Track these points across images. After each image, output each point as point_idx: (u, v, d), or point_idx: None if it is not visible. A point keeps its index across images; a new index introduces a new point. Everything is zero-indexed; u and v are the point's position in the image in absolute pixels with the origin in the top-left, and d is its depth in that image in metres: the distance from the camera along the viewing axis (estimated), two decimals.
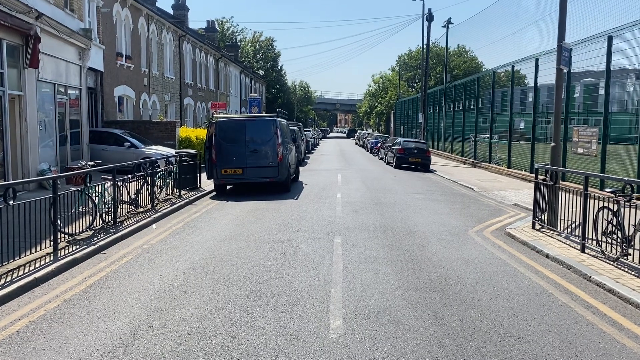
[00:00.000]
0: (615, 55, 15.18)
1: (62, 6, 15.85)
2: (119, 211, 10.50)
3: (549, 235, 9.24)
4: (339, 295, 5.87)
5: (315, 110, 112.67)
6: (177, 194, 14.04)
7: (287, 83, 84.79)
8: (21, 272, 6.66)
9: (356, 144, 58.60)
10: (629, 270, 6.85)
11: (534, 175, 20.01)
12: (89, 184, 9.01)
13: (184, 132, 22.26)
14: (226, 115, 17.03)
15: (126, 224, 10.09)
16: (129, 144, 18.86)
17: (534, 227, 9.85)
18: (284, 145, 15.38)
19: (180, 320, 5.22)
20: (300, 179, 18.83)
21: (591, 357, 4.51)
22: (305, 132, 39.73)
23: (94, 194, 9.36)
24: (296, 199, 14.06)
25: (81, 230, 8.94)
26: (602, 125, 15.30)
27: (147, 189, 12.01)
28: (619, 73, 17.14)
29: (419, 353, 4.48)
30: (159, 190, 13.06)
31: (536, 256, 8.07)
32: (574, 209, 8.58)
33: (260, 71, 72.85)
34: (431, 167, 25.81)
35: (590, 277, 6.67)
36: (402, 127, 52.33)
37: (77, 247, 8.18)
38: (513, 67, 22.93)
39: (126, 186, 11.22)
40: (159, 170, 12.87)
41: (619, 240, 7.13)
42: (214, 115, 16.10)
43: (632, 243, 6.96)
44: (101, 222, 9.78)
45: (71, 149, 17.20)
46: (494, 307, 5.66)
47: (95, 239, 8.77)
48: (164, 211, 11.79)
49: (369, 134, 54.72)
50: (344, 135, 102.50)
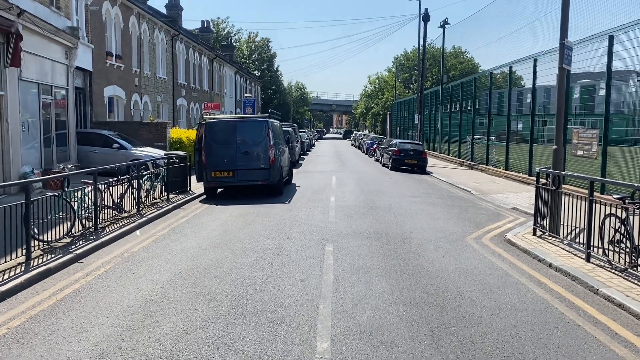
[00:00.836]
0: (617, 55, 14.80)
1: (47, 3, 15.34)
2: (101, 216, 10.04)
3: (551, 243, 8.81)
4: (327, 312, 5.41)
5: (312, 111, 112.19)
6: (165, 197, 13.56)
7: (283, 84, 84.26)
8: None
9: (352, 145, 58.16)
10: (638, 282, 6.42)
11: (532, 178, 19.90)
12: (66, 189, 8.54)
13: (175, 133, 21.77)
14: (216, 116, 16.55)
15: (108, 230, 9.62)
16: (118, 145, 18.38)
17: (535, 234, 9.41)
18: (276, 147, 14.92)
19: (153, 342, 4.75)
20: (293, 182, 18.38)
21: None
22: (301, 133, 39.24)
23: (72, 199, 8.89)
24: (288, 202, 13.60)
25: (59, 237, 8.46)
26: (603, 127, 14.90)
27: (133, 193, 11.54)
28: (617, 74, 16.88)
29: None
30: (145, 193, 12.59)
31: (538, 265, 7.63)
32: (576, 215, 8.16)
33: (256, 72, 72.32)
34: (427, 169, 25.39)
35: (598, 289, 6.23)
36: (398, 128, 51.96)
37: (53, 255, 7.70)
38: (511, 67, 22.56)
39: (109, 190, 10.75)
40: (145, 173, 12.40)
41: (627, 250, 6.71)
42: (204, 116, 15.58)
43: None
44: (81, 228, 9.32)
45: (58, 150, 16.68)
46: (495, 325, 5.22)
47: (73, 246, 8.29)
48: (149, 216, 11.32)
49: (364, 135, 54.30)
50: (340, 136, 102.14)
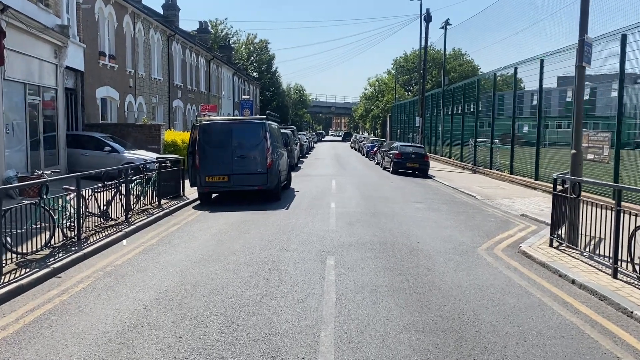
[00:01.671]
0: (630, 54, 14.15)
1: (34, 0, 14.68)
2: (85, 225, 9.37)
3: (570, 255, 8.14)
4: (330, 342, 4.73)
5: (311, 113, 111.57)
6: (157, 203, 12.88)
7: (281, 86, 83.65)
8: None
9: (352, 147, 57.51)
10: None
11: (539, 183, 19.30)
12: (45, 196, 7.87)
13: (169, 135, 21.10)
14: (211, 118, 15.89)
15: (92, 240, 8.93)
16: (110, 148, 17.70)
17: (551, 245, 8.75)
18: (273, 150, 14.26)
19: None
20: (292, 186, 17.71)
21: None
22: (300, 136, 38.59)
23: (52, 207, 8.22)
24: (286, 209, 12.92)
25: (36, 249, 7.79)
26: (616, 129, 14.25)
27: (121, 199, 10.86)
28: (612, 77, 16.51)
29: None
30: (135, 199, 11.91)
31: (560, 282, 6.96)
32: (596, 225, 7.51)
33: (255, 74, 71.71)
34: (429, 172, 24.75)
35: (632, 312, 5.57)
36: (398, 130, 51.34)
37: (28, 270, 7.01)
38: (516, 68, 21.95)
39: (95, 196, 10.07)
40: (134, 178, 11.72)
41: None
42: (198, 118, 14.91)
43: None
44: (63, 238, 8.65)
45: (46, 154, 16.00)
46: (522, 358, 4.55)
47: (51, 259, 7.61)
48: (138, 224, 10.63)
49: (364, 137, 53.67)
50: (340, 138, 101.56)
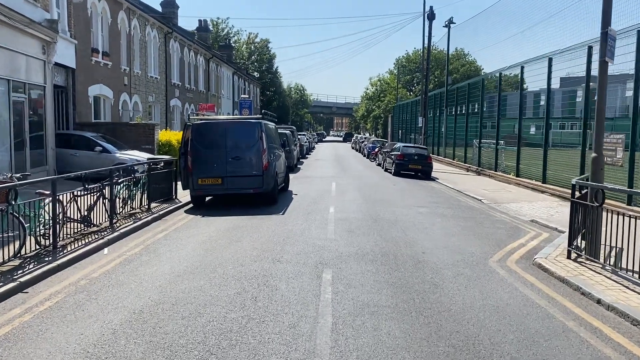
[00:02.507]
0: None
1: None
2: (63, 232, 8.66)
3: (591, 269, 7.41)
4: None
5: (312, 113, 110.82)
6: (146, 207, 12.17)
7: (282, 85, 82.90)
8: None
9: (352, 148, 56.79)
10: None
11: (547, 186, 18.54)
12: (14, 202, 7.15)
13: (164, 135, 20.38)
14: (204, 118, 15.17)
15: (70, 249, 8.22)
16: (101, 148, 17.01)
17: (569, 257, 8.01)
18: (270, 151, 13.54)
19: None
20: (290, 188, 16.99)
21: None
22: (300, 136, 37.86)
23: (23, 213, 7.50)
24: (282, 214, 12.20)
25: (3, 260, 7.07)
26: (631, 131, 13.52)
27: (105, 203, 10.14)
28: (616, 78, 15.81)
29: None
30: (122, 203, 11.20)
31: (584, 301, 6.23)
32: (617, 234, 6.81)
33: (255, 73, 70.98)
34: (432, 174, 24.03)
35: None
36: (400, 131, 50.61)
37: None
38: (523, 67, 21.21)
39: (76, 200, 9.36)
40: (121, 180, 11.00)
41: None
42: (190, 117, 14.20)
43: None
44: (37, 247, 7.95)
45: (33, 154, 15.30)
46: None
47: (19, 272, 6.89)
48: (123, 230, 9.92)
49: (365, 138, 52.94)
50: (340, 139, 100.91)
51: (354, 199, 15.06)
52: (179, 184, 14.01)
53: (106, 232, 9.57)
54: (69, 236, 8.86)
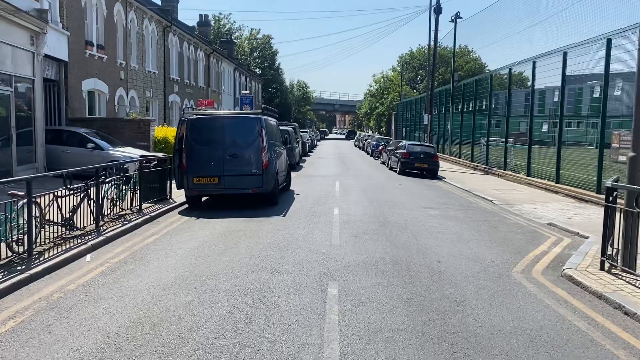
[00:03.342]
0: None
1: None
2: (41, 237, 7.87)
3: (629, 283, 6.58)
4: None
5: (314, 111, 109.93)
6: (137, 207, 11.37)
7: (284, 82, 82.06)
8: None
9: (356, 146, 55.98)
10: None
11: (560, 186, 17.66)
12: None
13: (160, 132, 19.58)
14: (200, 112, 14.37)
15: (48, 256, 7.42)
16: (93, 145, 16.20)
17: (602, 268, 7.18)
18: (270, 148, 12.72)
19: None
20: (292, 188, 16.18)
21: None
22: (302, 134, 37.04)
23: None
24: (283, 216, 11.39)
25: None
26: None
27: (90, 204, 9.34)
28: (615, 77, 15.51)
29: None
30: (111, 204, 10.41)
31: (629, 323, 5.41)
32: None
33: (257, 70, 70.16)
34: (438, 173, 23.21)
35: None
36: (403, 129, 49.78)
37: None
38: (534, 62, 20.30)
39: (57, 202, 8.56)
40: (109, 179, 10.20)
41: None
42: (186, 112, 13.38)
43: None
44: (10, 254, 7.15)
45: (21, 150, 14.54)
46: None
47: None
48: (110, 233, 9.12)
49: (369, 135, 52.10)
50: (343, 137, 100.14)
51: (359, 199, 14.24)
52: (174, 183, 13.20)
53: (91, 236, 8.77)
54: (48, 241, 8.07)
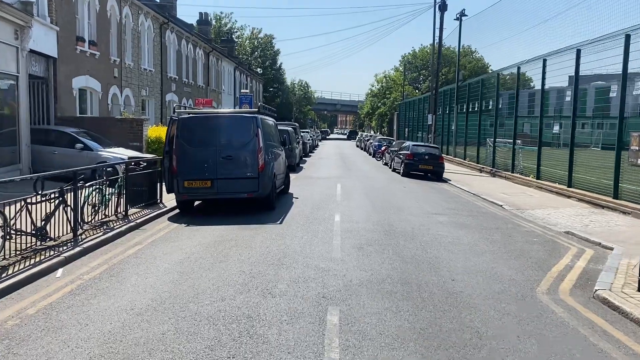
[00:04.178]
0: None
1: None
2: (8, 248, 7.03)
3: None
4: None
5: (315, 110, 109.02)
6: (123, 213, 10.53)
7: (286, 82, 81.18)
8: None
9: (357, 146, 55.15)
10: None
11: (573, 190, 16.77)
12: None
13: (154, 131, 18.73)
14: (192, 111, 13.52)
15: (12, 272, 6.58)
16: (82, 145, 15.37)
17: None
18: (267, 150, 11.87)
19: None
20: (291, 191, 15.35)
21: None
22: (303, 134, 36.20)
23: None
24: (280, 223, 10.53)
25: None
26: None
27: (66, 211, 8.49)
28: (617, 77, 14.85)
29: None
30: (93, 210, 9.56)
31: None
32: None
33: (259, 69, 69.31)
34: (443, 175, 22.36)
35: None
36: (406, 129, 48.92)
37: None
38: (545, 60, 19.41)
39: (28, 209, 7.72)
40: (88, 185, 9.34)
41: None
42: (176, 110, 12.53)
43: None
44: None
45: (3, 151, 13.76)
46: None
47: None
48: (89, 243, 8.28)
49: (371, 136, 51.26)
50: (345, 137, 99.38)
51: (362, 204, 13.38)
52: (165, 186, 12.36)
53: (66, 247, 7.92)
54: (18, 253, 7.24)
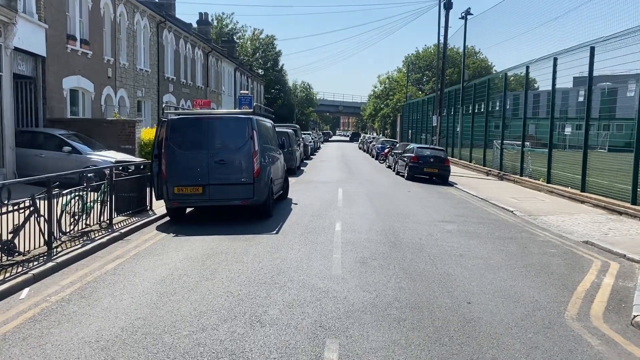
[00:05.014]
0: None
1: None
2: None
3: None
4: None
5: (318, 112, 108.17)
6: (107, 222, 9.74)
7: (287, 83, 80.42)
8: None
9: (360, 148, 54.34)
10: None
11: (587, 195, 15.96)
12: None
13: (147, 134, 17.96)
14: (183, 112, 12.75)
15: None
16: (70, 148, 14.62)
17: None
18: (263, 153, 11.09)
19: None
20: (290, 196, 14.56)
21: None
22: (304, 136, 35.44)
23: None
24: (276, 233, 9.73)
25: None
26: None
27: (39, 222, 7.70)
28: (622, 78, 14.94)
29: None
30: (73, 220, 8.78)
31: None
32: None
33: (260, 70, 68.61)
34: (449, 178, 21.56)
35: None
36: (409, 131, 48.10)
37: None
38: (556, 59, 18.58)
39: None
40: (66, 192, 8.56)
41: None
42: (165, 111, 11.75)
43: None
44: None
45: None
46: None
47: None
48: (64, 257, 7.50)
49: (374, 138, 50.43)
50: (347, 139, 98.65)
51: (365, 211, 12.57)
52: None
53: (37, 263, 7.14)
54: None
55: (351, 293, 6.09)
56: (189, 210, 11.79)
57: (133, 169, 11.41)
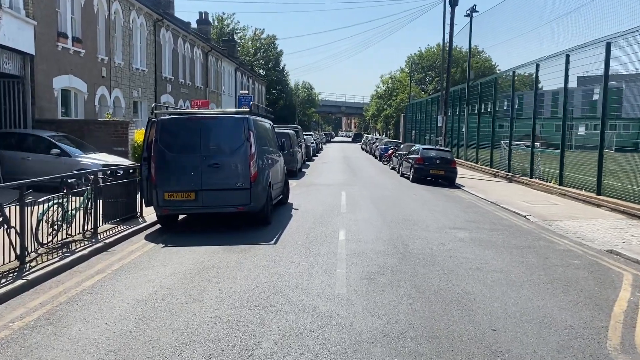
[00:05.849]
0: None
1: None
2: None
3: None
4: None
5: (320, 113, 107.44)
6: (92, 231, 8.97)
7: (289, 84, 79.69)
8: None
9: (362, 149, 53.55)
10: None
11: (604, 199, 15.12)
12: None
13: (140, 135, 17.17)
14: (175, 112, 11.99)
15: None
16: (58, 150, 13.87)
17: None
18: (261, 156, 10.31)
19: None
20: (291, 200, 13.81)
21: None
22: (306, 137, 34.66)
23: None
24: (274, 243, 8.94)
25: None
26: None
27: (9, 233, 6.93)
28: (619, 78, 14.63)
29: None
30: (53, 229, 8.02)
31: None
32: None
33: (261, 71, 67.88)
34: (456, 180, 20.76)
35: None
36: (413, 131, 47.31)
37: None
38: (568, 55, 17.77)
39: None
40: (41, 200, 7.78)
41: None
42: (155, 111, 10.97)
43: None
44: None
45: None
46: None
47: None
48: (36, 274, 6.73)
49: (377, 139, 49.64)
50: (349, 139, 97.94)
51: (370, 217, 11.78)
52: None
53: (5, 281, 6.37)
54: None
55: (358, 318, 5.28)
56: (181, 217, 11.03)
57: (122, 172, 10.65)
